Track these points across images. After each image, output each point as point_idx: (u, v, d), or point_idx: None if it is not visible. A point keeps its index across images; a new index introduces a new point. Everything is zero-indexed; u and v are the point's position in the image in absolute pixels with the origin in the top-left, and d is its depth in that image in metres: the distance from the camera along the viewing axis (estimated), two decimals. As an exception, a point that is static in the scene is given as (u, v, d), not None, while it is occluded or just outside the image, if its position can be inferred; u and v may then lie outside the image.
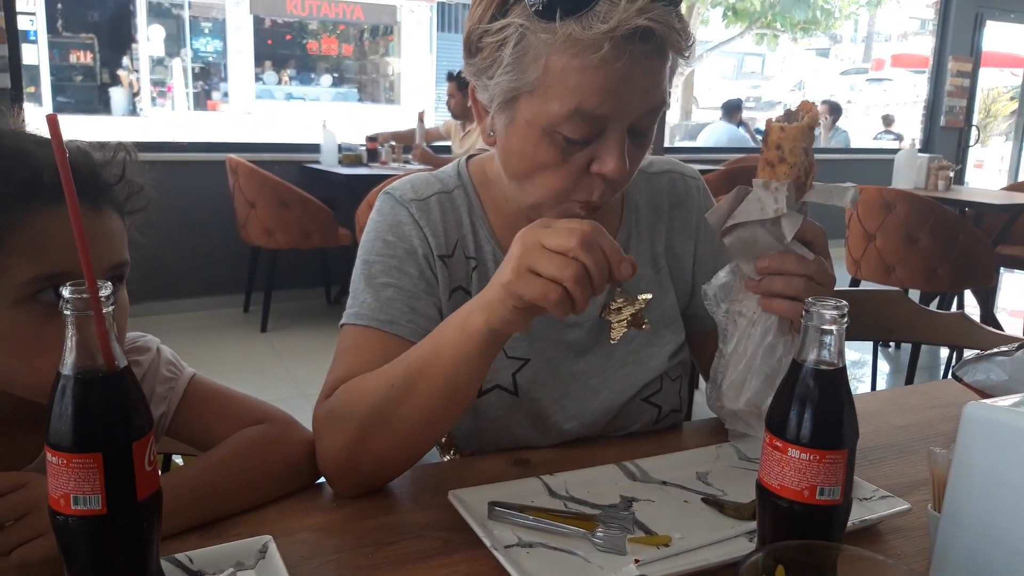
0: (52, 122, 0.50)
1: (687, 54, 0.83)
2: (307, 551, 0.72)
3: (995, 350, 1.14)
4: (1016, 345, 1.08)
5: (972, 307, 4.40)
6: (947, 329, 1.70)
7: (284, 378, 3.55)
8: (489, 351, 0.75)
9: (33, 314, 0.70)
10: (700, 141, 7.77)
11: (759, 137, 9.94)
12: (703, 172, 5.05)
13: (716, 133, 7.22)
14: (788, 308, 0.80)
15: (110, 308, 0.54)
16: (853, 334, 1.80)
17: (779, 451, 0.61)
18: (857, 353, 4.09)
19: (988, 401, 0.64)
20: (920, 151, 6.14)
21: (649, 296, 1.03)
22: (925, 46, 7.85)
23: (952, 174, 4.37)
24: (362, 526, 0.78)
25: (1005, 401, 0.64)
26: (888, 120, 10.05)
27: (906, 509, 0.80)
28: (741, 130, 7.31)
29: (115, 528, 0.54)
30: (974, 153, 8.47)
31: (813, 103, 0.83)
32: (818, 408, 0.60)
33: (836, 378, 0.60)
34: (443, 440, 1.03)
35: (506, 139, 0.87)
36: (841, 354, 0.60)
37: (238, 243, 4.34)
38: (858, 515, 0.78)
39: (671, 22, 0.78)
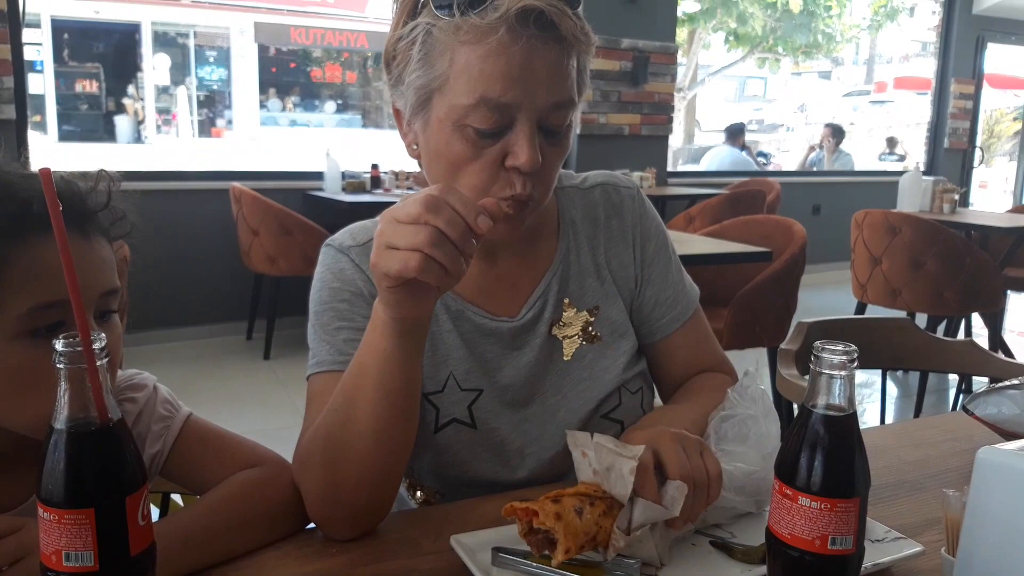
0: (46, 177, 0.50)
1: (589, 50, 0.87)
2: (306, 601, 0.70)
3: (1006, 383, 1.12)
4: (1026, 379, 1.06)
5: (980, 330, 4.37)
6: (956, 357, 1.68)
7: (286, 406, 3.53)
8: (405, 343, 0.76)
9: (30, 349, 0.70)
10: (703, 165, 7.79)
11: (763, 159, 9.96)
12: (707, 196, 5.06)
13: (719, 157, 7.23)
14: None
15: (104, 361, 0.53)
16: (862, 362, 1.79)
17: (789, 499, 0.59)
18: (865, 376, 4.06)
19: (1001, 445, 0.62)
20: (924, 173, 6.15)
21: (597, 307, 1.03)
22: (927, 68, 7.90)
23: (957, 197, 4.36)
24: (362, 572, 0.76)
25: (1018, 444, 0.62)
26: (892, 142, 10.08)
27: (919, 551, 0.78)
28: (744, 154, 7.32)
29: (107, 586, 0.53)
30: (978, 174, 8.48)
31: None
32: (828, 456, 0.58)
33: (846, 424, 0.59)
34: (407, 481, 1.03)
35: (425, 144, 0.90)
36: (851, 400, 0.59)
37: (241, 270, 4.34)
38: (871, 558, 0.76)
39: (563, 8, 0.82)
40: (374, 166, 4.84)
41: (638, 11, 5.46)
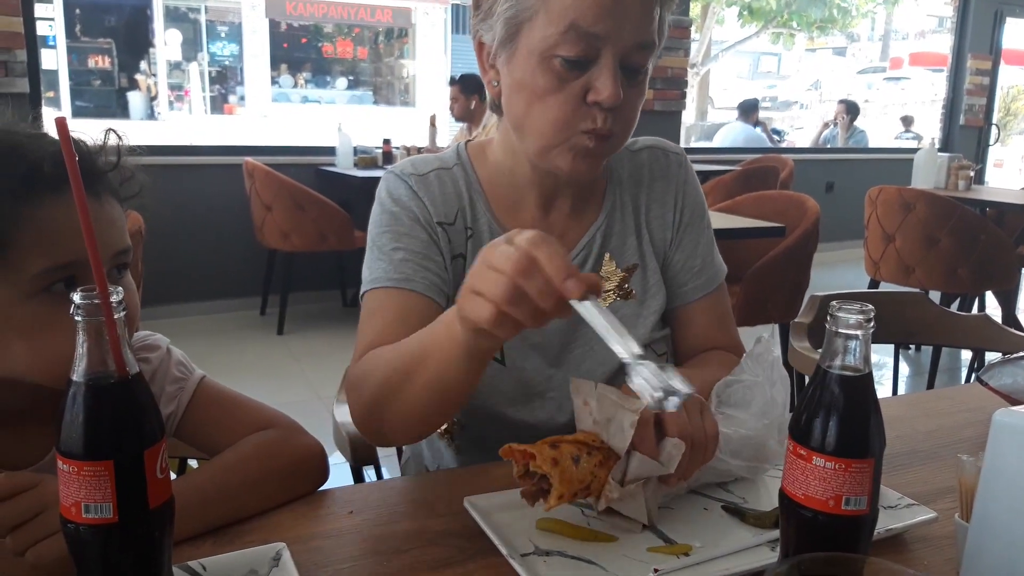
0: (61, 125, 0.50)
1: (672, 3, 0.89)
2: (321, 559, 0.71)
3: (1020, 354, 1.11)
4: (1043, 349, 1.05)
5: (993, 308, 4.33)
6: (970, 331, 1.67)
7: (300, 380, 3.56)
8: (474, 360, 0.72)
9: (46, 305, 0.71)
10: (716, 141, 7.72)
11: (776, 137, 9.82)
12: (720, 172, 5.02)
13: (732, 133, 7.17)
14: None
15: (121, 314, 0.53)
16: (875, 336, 1.78)
17: (803, 460, 0.59)
18: (877, 356, 4.04)
19: (1018, 408, 0.62)
20: (940, 150, 6.07)
21: (635, 264, 1.05)
22: (943, 44, 7.78)
23: (972, 174, 4.31)
24: (376, 533, 0.77)
25: (1037, 408, 0.62)
26: (908, 120, 9.94)
27: (933, 518, 0.78)
28: (758, 130, 7.25)
29: (126, 537, 0.54)
30: (994, 152, 8.38)
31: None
32: (843, 416, 0.58)
33: (862, 384, 0.58)
34: None
35: (509, 77, 0.91)
36: (867, 360, 0.59)
37: (255, 246, 4.35)
38: (883, 524, 0.76)
39: None
40: (386, 141, 4.83)
41: (652, -16, 5.38)
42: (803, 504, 0.59)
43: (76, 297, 0.52)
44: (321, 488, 0.85)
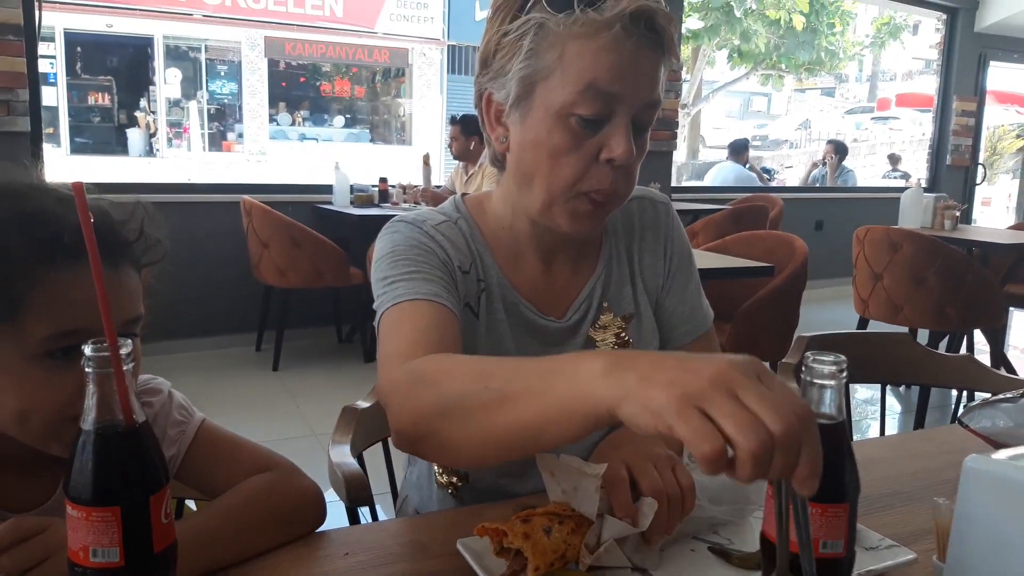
0: (78, 191, 0.53)
1: (672, 62, 0.92)
2: (317, 601, 0.73)
3: (1000, 396, 1.14)
4: (1021, 392, 1.08)
5: (982, 346, 4.37)
6: (955, 372, 1.70)
7: (295, 416, 3.56)
8: (594, 428, 0.62)
9: (44, 368, 0.73)
10: (707, 180, 7.83)
11: (766, 175, 9.94)
12: (711, 211, 5.08)
13: (723, 173, 7.28)
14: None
15: (130, 365, 0.56)
16: (861, 376, 1.81)
17: (781, 504, 0.62)
18: (868, 393, 4.07)
19: (988, 454, 0.65)
20: (927, 190, 6.15)
21: (631, 314, 1.08)
22: (930, 85, 7.94)
23: (958, 213, 4.38)
24: (372, 574, 0.79)
25: (1004, 454, 0.65)
26: (895, 159, 10.10)
27: (912, 559, 0.80)
28: (748, 170, 7.36)
29: (132, 580, 0.56)
30: (981, 191, 8.50)
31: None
32: (819, 462, 0.61)
33: (836, 432, 0.61)
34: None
35: (521, 135, 0.93)
36: (840, 408, 0.62)
37: (251, 282, 4.38)
38: (864, 565, 0.78)
39: (669, 16, 0.89)
40: (382, 179, 4.90)
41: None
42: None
43: (87, 349, 0.55)
44: (318, 529, 0.87)
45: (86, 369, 0.55)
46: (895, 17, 12.55)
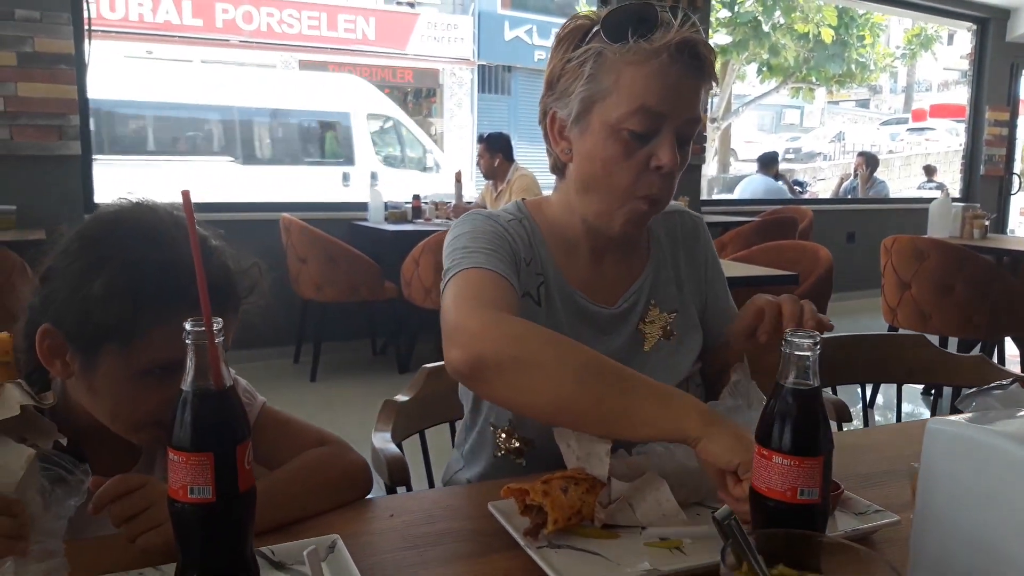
0: (185, 197, 0.66)
1: (712, 85, 1.06)
2: (368, 550, 0.85)
3: (993, 384, 1.22)
4: (1011, 380, 1.16)
5: (1013, 354, 4.37)
6: (968, 372, 1.77)
7: (331, 425, 3.59)
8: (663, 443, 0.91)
9: (138, 385, 0.89)
10: (737, 193, 7.88)
11: (798, 188, 9.92)
12: (739, 224, 5.15)
13: (753, 185, 7.33)
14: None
15: (221, 339, 0.68)
16: (876, 376, 1.89)
17: (766, 459, 0.72)
18: (881, 398, 4.08)
19: (949, 417, 0.74)
20: (961, 200, 6.15)
21: (676, 311, 1.21)
22: (964, 96, 7.91)
23: (987, 223, 4.40)
24: (413, 531, 0.90)
25: (964, 417, 0.74)
26: (930, 170, 10.04)
27: (895, 521, 0.89)
28: (779, 183, 7.40)
29: (222, 514, 0.68)
30: (1017, 201, 8.42)
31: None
32: (796, 421, 0.71)
33: (812, 396, 0.71)
34: (506, 427, 1.14)
35: (581, 146, 1.08)
36: (816, 375, 0.72)
37: (290, 296, 4.55)
38: (851, 525, 0.88)
39: (710, 47, 1.04)
40: (415, 196, 5.06)
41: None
42: (766, 496, 0.72)
43: (187, 326, 0.67)
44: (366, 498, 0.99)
45: (186, 341, 0.67)
46: (926, 28, 12.50)
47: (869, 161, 8.07)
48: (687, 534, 0.87)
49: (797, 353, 0.72)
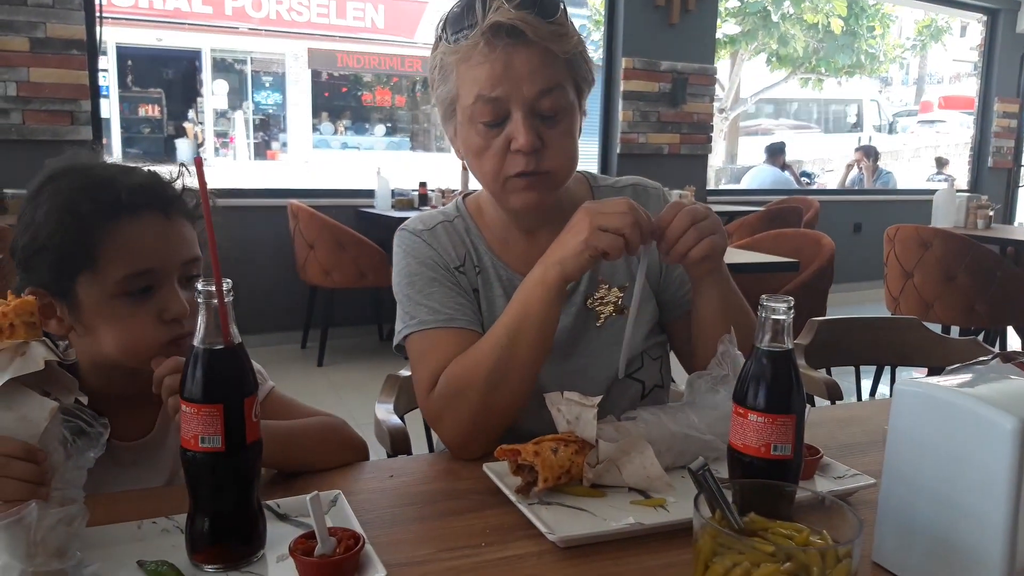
0: (198, 164, 0.70)
1: (571, 42, 1.06)
2: (369, 505, 0.89)
3: (975, 360, 1.26)
4: (991, 356, 1.20)
5: (1016, 343, 4.39)
6: (960, 354, 1.80)
7: (338, 409, 3.67)
8: (561, 299, 1.03)
9: (127, 305, 0.93)
10: (744, 183, 7.89)
11: (806, 179, 9.88)
12: (745, 213, 5.17)
13: (760, 175, 7.34)
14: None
15: (230, 299, 0.73)
16: (871, 358, 1.92)
17: (742, 417, 0.76)
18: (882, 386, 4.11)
19: (915, 378, 0.78)
20: (968, 192, 6.15)
21: (626, 284, 1.21)
22: (974, 88, 7.89)
23: (991, 213, 4.42)
24: (412, 490, 0.95)
25: (931, 379, 0.78)
26: (941, 162, 10.00)
27: (871, 483, 0.94)
28: (785, 173, 7.41)
29: (230, 463, 0.73)
30: (1025, 193, 8.40)
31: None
32: (771, 381, 0.75)
33: (785, 356, 0.76)
34: None
35: (457, 144, 1.14)
36: (789, 338, 0.76)
37: (297, 283, 4.61)
38: (829, 487, 0.92)
39: (529, 19, 1.01)
40: (422, 184, 5.09)
41: (677, 34, 5.64)
42: (742, 452, 0.76)
43: (199, 285, 0.72)
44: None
45: (198, 300, 0.72)
46: (936, 19, 12.42)
47: (868, 153, 8.06)
48: (671, 494, 0.91)
49: (772, 317, 0.76)
